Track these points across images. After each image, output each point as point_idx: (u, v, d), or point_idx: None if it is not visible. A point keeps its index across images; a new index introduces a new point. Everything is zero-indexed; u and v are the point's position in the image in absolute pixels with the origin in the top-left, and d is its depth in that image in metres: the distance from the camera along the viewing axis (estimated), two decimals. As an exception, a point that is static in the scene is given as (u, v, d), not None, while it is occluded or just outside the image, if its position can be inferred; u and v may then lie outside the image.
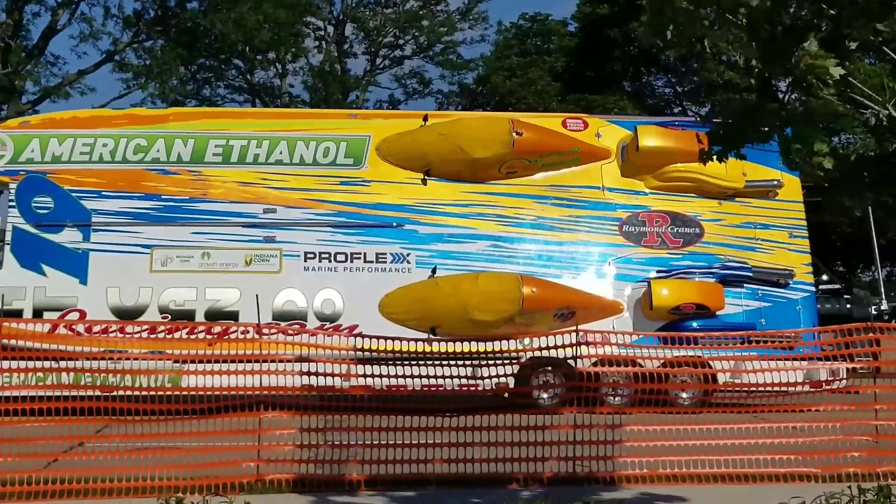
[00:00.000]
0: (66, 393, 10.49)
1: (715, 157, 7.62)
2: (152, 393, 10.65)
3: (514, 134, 16.87)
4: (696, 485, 10.43)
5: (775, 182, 17.48)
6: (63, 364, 10.99)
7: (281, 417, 10.72)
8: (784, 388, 11.92)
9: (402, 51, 44.27)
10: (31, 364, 10.65)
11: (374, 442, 10.59)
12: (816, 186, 18.04)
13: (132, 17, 36.64)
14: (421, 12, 43.43)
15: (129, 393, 10.67)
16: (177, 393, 10.64)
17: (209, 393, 10.69)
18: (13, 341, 10.91)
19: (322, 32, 42.69)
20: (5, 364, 10.52)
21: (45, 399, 10.33)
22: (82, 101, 36.37)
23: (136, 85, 37.49)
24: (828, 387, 13.37)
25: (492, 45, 45.31)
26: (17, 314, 16.17)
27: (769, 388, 11.98)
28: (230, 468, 10.19)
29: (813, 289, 17.26)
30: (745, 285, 17.04)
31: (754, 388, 12.54)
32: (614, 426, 10.97)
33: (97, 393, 10.56)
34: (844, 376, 13.72)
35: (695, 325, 16.23)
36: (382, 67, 44.39)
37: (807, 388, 12.39)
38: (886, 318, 17.70)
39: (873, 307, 17.79)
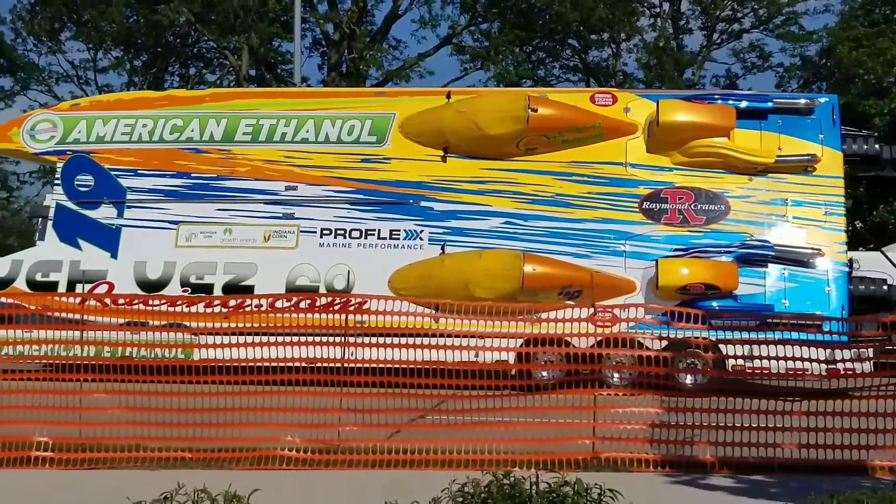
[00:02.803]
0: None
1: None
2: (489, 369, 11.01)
3: (528, 110, 16.62)
4: None
5: (809, 157, 16.62)
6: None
7: (616, 396, 10.96)
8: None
9: (741, 24, 42.15)
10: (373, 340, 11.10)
11: (713, 424, 10.41)
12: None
13: (469, 1, 37.63)
14: (762, -18, 41.49)
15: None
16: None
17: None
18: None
19: (657, 9, 42.08)
20: (351, 339, 11.22)
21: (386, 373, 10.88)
22: (423, 83, 37.54)
23: (473, 67, 38.65)
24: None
25: (836, 15, 42.84)
26: (52, 286, 17.10)
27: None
28: (565, 445, 10.23)
29: (845, 269, 16.32)
30: (769, 265, 16.28)
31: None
32: None
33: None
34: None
35: (715, 305, 15.69)
36: (719, 42, 42.41)
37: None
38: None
39: (918, 289, 16.64)
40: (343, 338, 11.14)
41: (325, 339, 11.16)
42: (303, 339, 11.08)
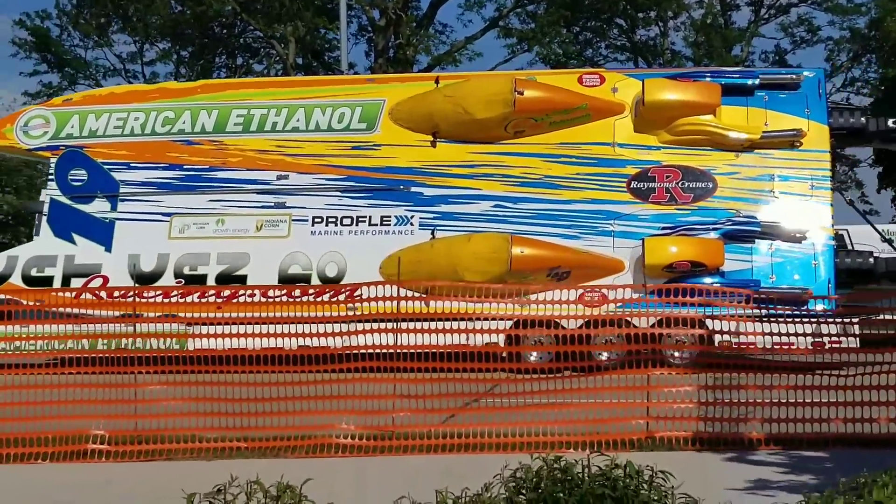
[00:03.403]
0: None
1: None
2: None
3: (515, 93, 16.73)
4: None
5: (795, 131, 16.69)
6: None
7: (670, 375, 10.98)
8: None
9: (789, -2, 41.87)
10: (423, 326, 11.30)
11: (767, 400, 10.42)
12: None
13: None
14: (810, -46, 40.73)
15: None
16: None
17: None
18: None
19: (704, -14, 41.54)
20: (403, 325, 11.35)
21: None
22: (471, 67, 38.59)
23: (520, 49, 38.60)
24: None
25: (887, -14, 42.11)
26: (48, 281, 17.31)
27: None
28: (619, 425, 10.26)
29: (832, 242, 16.43)
30: (756, 240, 16.40)
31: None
32: None
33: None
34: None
35: (708, 280, 15.79)
36: (767, 17, 41.58)
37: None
38: (923, 272, 16.68)
39: (902, 260, 16.77)
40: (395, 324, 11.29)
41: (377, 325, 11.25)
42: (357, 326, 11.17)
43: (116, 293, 13.76)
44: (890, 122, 17.51)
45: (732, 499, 6.07)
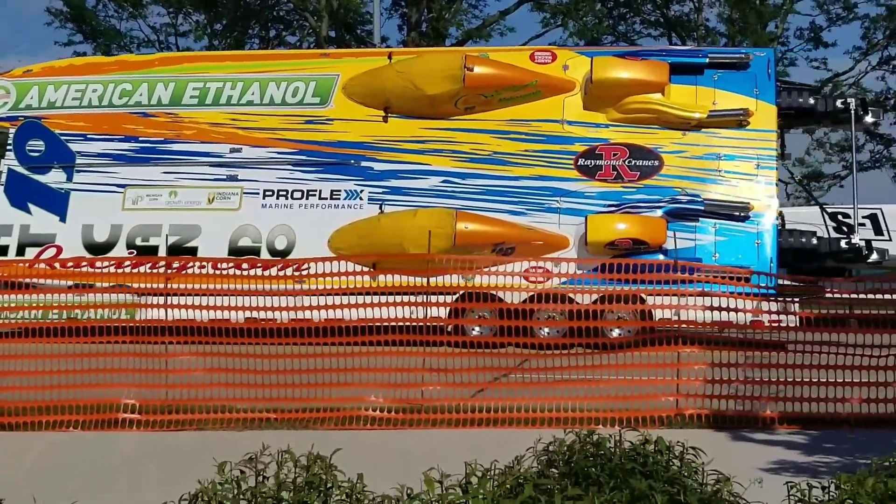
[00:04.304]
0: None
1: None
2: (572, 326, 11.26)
3: (464, 69, 16.85)
4: None
5: (742, 111, 16.80)
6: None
7: (699, 352, 10.94)
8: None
9: (824, -27, 41.14)
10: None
11: (792, 379, 10.46)
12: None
13: None
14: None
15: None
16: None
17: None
18: None
19: (739, -39, 41.25)
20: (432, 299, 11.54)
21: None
22: (502, 42, 38.07)
23: (554, 23, 38.44)
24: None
25: (923, -39, 40.55)
26: (3, 250, 17.52)
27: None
28: (648, 402, 10.25)
29: (776, 222, 16.59)
30: (699, 219, 16.55)
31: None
32: None
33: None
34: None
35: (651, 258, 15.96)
36: None
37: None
38: (866, 253, 16.84)
39: (843, 241, 16.92)
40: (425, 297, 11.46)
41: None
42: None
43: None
44: (838, 103, 17.66)
45: (763, 476, 6.17)
